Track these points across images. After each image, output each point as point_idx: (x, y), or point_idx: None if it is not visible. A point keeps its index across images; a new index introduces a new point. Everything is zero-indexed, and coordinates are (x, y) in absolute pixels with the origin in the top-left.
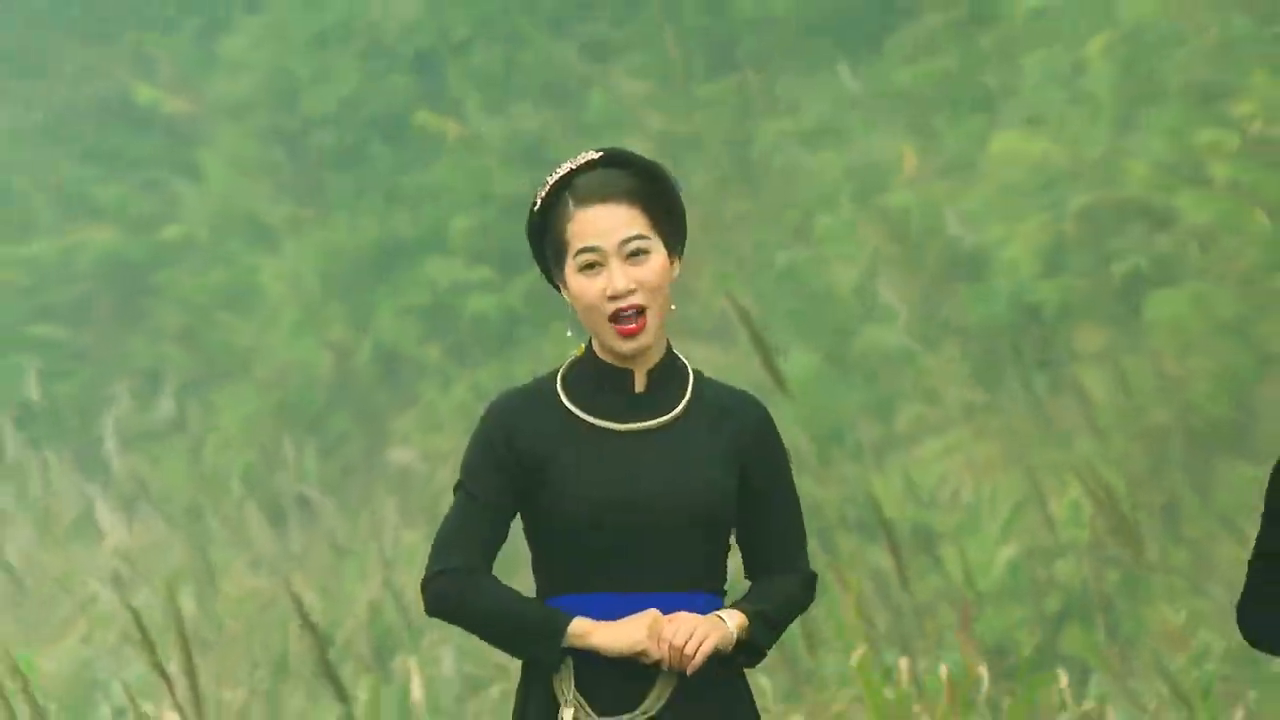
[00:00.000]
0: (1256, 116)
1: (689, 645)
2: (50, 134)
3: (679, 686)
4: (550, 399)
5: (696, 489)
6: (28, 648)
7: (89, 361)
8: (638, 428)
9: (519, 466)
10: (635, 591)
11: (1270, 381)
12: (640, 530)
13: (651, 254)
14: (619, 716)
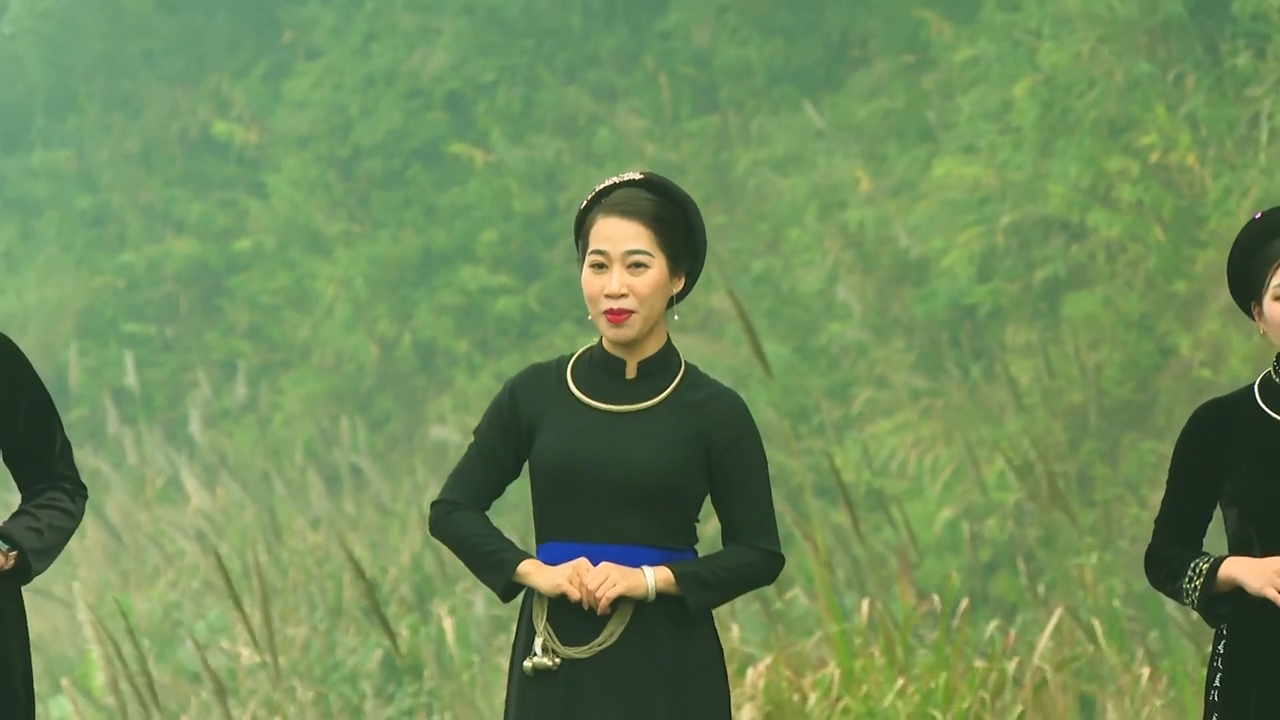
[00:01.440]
0: (1156, 147)
1: (599, 589)
2: (143, 161)
3: (630, 625)
4: (558, 377)
5: (650, 467)
6: (125, 592)
7: (175, 352)
8: (619, 409)
9: (518, 429)
10: (592, 542)
11: (1168, 370)
12: (596, 494)
13: (650, 268)
14: (579, 646)
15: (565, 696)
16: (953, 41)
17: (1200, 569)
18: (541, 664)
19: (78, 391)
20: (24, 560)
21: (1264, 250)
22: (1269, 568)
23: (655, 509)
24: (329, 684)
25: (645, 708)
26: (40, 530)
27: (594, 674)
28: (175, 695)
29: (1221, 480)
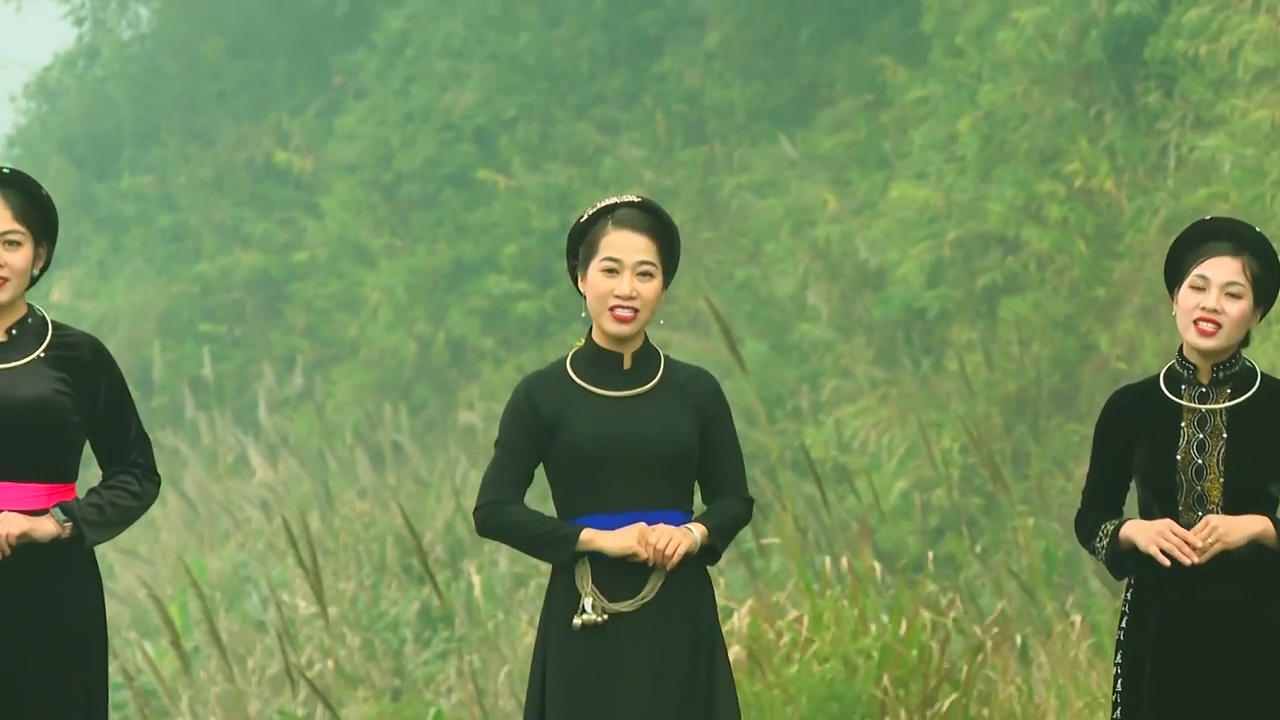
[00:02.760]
0: (1079, 173)
1: (668, 548)
2: (215, 186)
3: (664, 580)
4: (563, 376)
5: (668, 438)
6: (199, 553)
7: (242, 348)
8: (626, 394)
9: (540, 426)
10: (625, 511)
11: (1089, 363)
12: (627, 467)
13: (654, 277)
14: (622, 602)
15: (615, 645)
16: (906, 83)
17: (1107, 530)
18: (591, 620)
19: (160, 382)
20: (79, 530)
21: (1197, 248)
22: (1153, 528)
23: (675, 475)
24: (374, 631)
25: (679, 648)
26: (102, 507)
27: (637, 624)
28: (242, 640)
29: (1132, 455)
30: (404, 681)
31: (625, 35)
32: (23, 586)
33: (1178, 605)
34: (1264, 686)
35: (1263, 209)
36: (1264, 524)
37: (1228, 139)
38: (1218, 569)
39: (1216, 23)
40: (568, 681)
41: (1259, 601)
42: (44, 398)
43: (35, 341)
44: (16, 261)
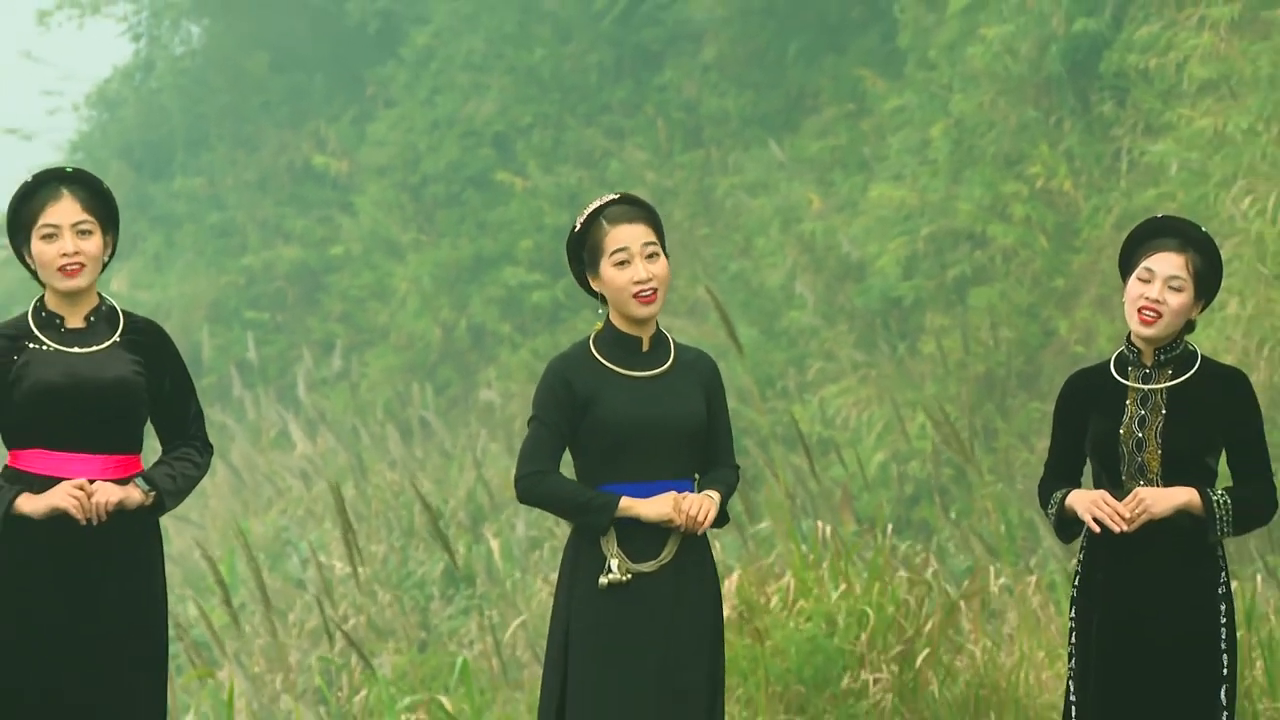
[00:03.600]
0: (1040, 175)
1: (700, 515)
2: (259, 187)
3: (682, 543)
4: (588, 357)
5: (691, 416)
6: (245, 519)
7: (284, 333)
8: (648, 374)
9: (573, 403)
10: (647, 480)
11: (1050, 347)
12: (655, 442)
13: (660, 256)
14: (645, 562)
15: (638, 603)
16: (884, 94)
17: (1056, 499)
18: (616, 579)
19: (209, 364)
20: (160, 499)
21: (1147, 242)
22: (1089, 498)
23: (694, 446)
24: (403, 589)
25: (696, 604)
26: (174, 477)
27: (657, 583)
28: (284, 597)
29: (1086, 430)
30: (430, 634)
31: (630, 50)
32: (102, 552)
33: (1120, 567)
34: (1194, 639)
35: (1206, 208)
36: (1190, 494)
37: (1175, 144)
38: (1154, 534)
39: (1165, 39)
40: (594, 637)
41: (1189, 563)
42: (126, 378)
43: (110, 328)
44: (90, 248)
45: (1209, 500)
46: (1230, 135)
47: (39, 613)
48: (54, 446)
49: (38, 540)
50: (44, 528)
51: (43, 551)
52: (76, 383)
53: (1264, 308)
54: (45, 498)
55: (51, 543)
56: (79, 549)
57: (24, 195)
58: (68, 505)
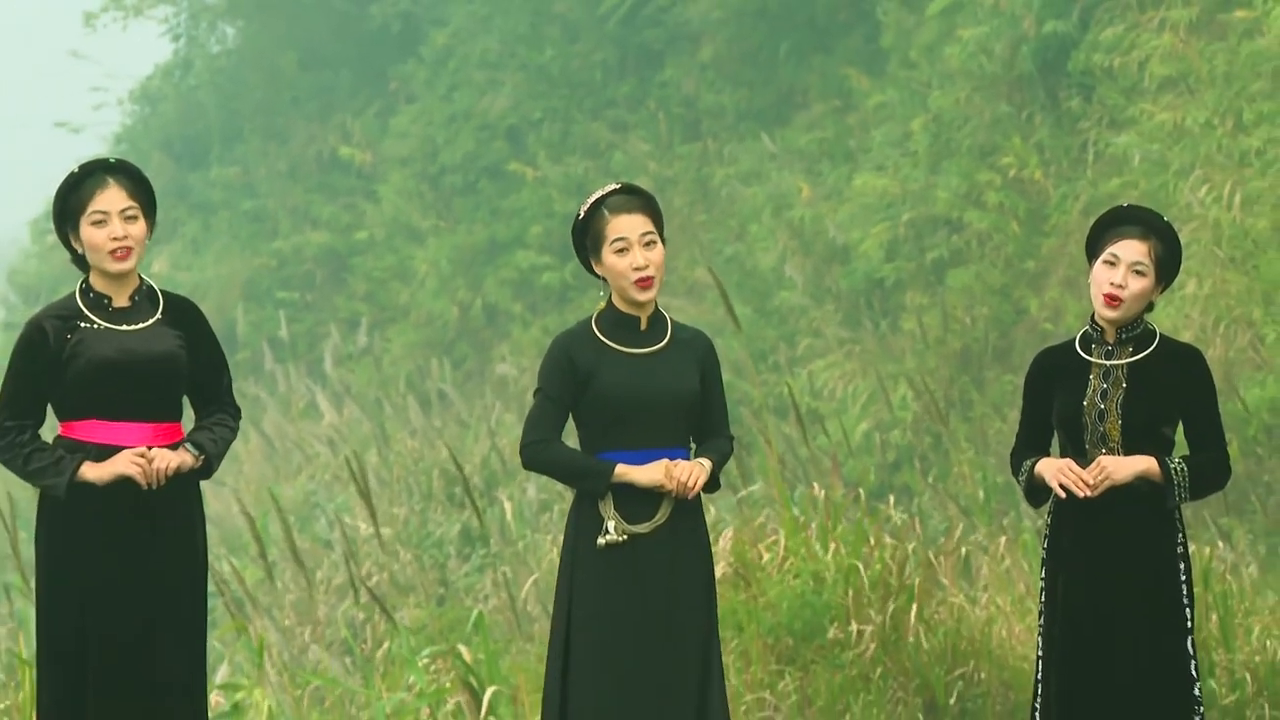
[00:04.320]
0: (1013, 165)
1: (689, 480)
2: (289, 176)
3: (674, 507)
4: (590, 335)
5: (683, 391)
6: (276, 483)
7: (313, 311)
8: (645, 351)
9: (574, 376)
10: (643, 449)
11: (1021, 325)
12: (650, 413)
13: (658, 244)
14: (641, 524)
15: (634, 561)
16: (868, 90)
17: (1026, 467)
18: (613, 540)
19: (243, 340)
20: (208, 461)
21: (1111, 230)
22: (1055, 466)
23: (687, 418)
24: (422, 549)
25: (687, 563)
26: (215, 440)
27: (652, 543)
28: (312, 556)
29: (1052, 403)
30: (448, 590)
31: (633, 50)
32: (151, 515)
33: (1085, 531)
34: (1156, 596)
35: (1166, 195)
36: (1149, 463)
37: (1137, 137)
38: (1117, 500)
39: (1128, 40)
40: (593, 593)
41: (1149, 526)
42: (173, 352)
43: (152, 306)
44: (136, 232)
45: (1167, 468)
46: (1188, 128)
47: (96, 573)
48: (108, 417)
49: (94, 505)
50: (100, 493)
51: (98, 516)
52: (130, 357)
53: (1219, 288)
54: (109, 465)
55: (106, 507)
56: (131, 512)
57: (73, 184)
58: (132, 471)
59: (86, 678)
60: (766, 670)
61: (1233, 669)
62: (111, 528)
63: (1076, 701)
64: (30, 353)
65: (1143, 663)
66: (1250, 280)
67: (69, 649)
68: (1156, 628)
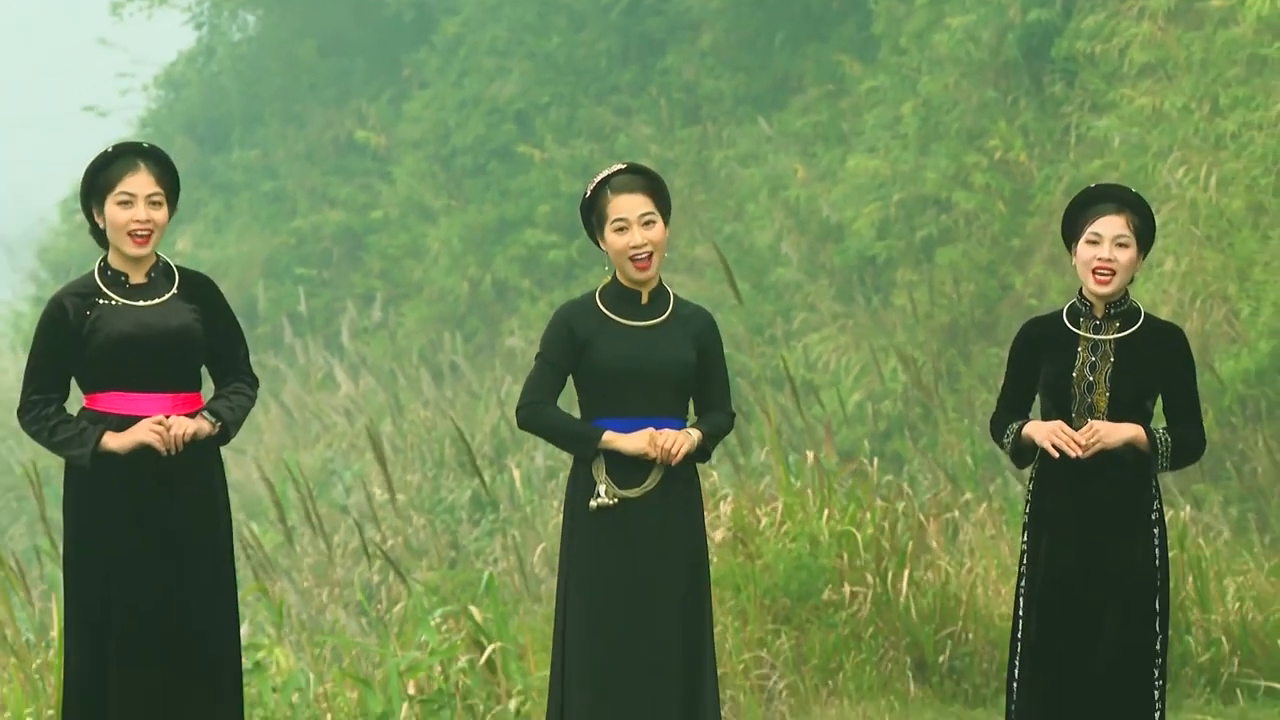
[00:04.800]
0: (999, 148)
1: (673, 448)
2: (308, 158)
3: (664, 473)
4: (593, 306)
5: (676, 363)
6: (295, 451)
7: (330, 287)
8: (643, 324)
9: (574, 344)
10: (637, 417)
11: (1007, 300)
12: (643, 383)
13: (656, 223)
14: (632, 488)
15: (625, 524)
16: (860, 76)
17: (1013, 430)
18: (604, 503)
19: (263, 315)
20: (225, 428)
21: (1087, 210)
22: (1047, 428)
23: (678, 390)
24: (435, 514)
25: (675, 528)
26: (233, 408)
27: (641, 508)
28: (329, 521)
29: (1038, 371)
30: (459, 554)
31: (636, 38)
32: (173, 482)
33: (1068, 494)
34: (1134, 558)
35: (1145, 176)
36: (1137, 430)
37: (1117, 120)
38: (1100, 465)
39: (1109, 28)
40: (587, 555)
41: (1129, 491)
42: (187, 326)
43: (168, 282)
44: (159, 217)
45: (1154, 437)
46: (1167, 113)
47: (121, 541)
48: (128, 389)
49: (117, 475)
50: (124, 461)
51: (122, 485)
52: (147, 332)
53: (1196, 265)
54: (129, 434)
55: (129, 476)
56: (154, 480)
57: (103, 163)
58: (151, 439)
59: (111, 645)
60: (763, 629)
61: (1208, 628)
62: (135, 495)
63: (1054, 658)
64: (52, 329)
65: (1116, 620)
66: (1225, 257)
67: (94, 618)
68: (1131, 588)
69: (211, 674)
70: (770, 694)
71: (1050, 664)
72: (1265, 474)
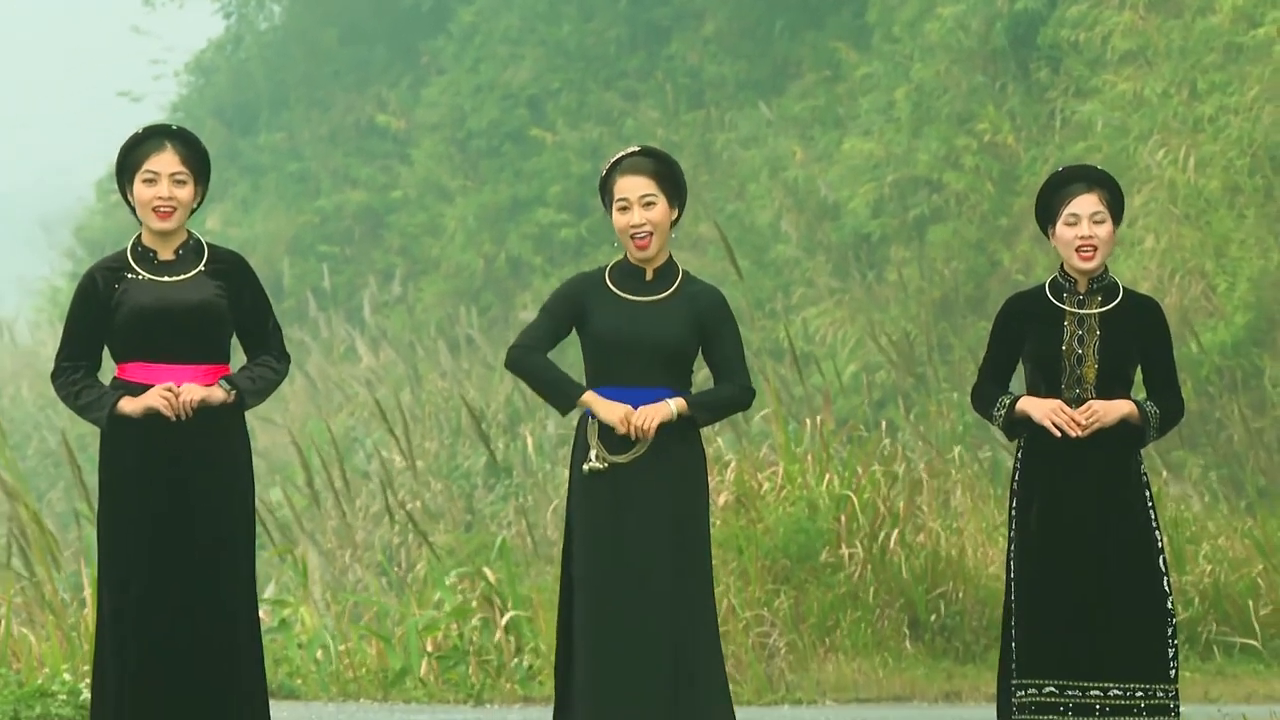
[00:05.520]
0: (987, 131)
1: (645, 425)
2: (331, 141)
3: (653, 440)
4: (600, 279)
5: (666, 335)
6: (319, 420)
7: (352, 264)
8: (642, 300)
9: (574, 308)
10: (629, 386)
11: (995, 275)
12: (633, 355)
13: (657, 205)
14: (621, 454)
15: (614, 488)
16: (856, 63)
17: (1004, 403)
18: (595, 467)
19: (289, 290)
20: (240, 397)
21: (1059, 192)
22: (1046, 406)
23: (672, 363)
24: (451, 479)
25: (664, 493)
26: (253, 379)
27: (631, 473)
28: (352, 486)
29: (1022, 344)
30: (474, 517)
31: (642, 26)
32: (193, 446)
33: (1061, 465)
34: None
35: (1126, 158)
36: (1131, 408)
37: (1100, 105)
38: (1091, 438)
39: (1092, 16)
40: (581, 516)
41: (1118, 460)
42: (209, 301)
43: (196, 259)
44: (183, 195)
45: (1145, 411)
46: (1147, 98)
47: (141, 501)
48: (152, 359)
49: (136, 436)
50: (140, 426)
51: (139, 446)
52: (167, 306)
53: (1175, 242)
54: (141, 399)
55: (146, 438)
56: (169, 443)
57: (133, 144)
58: (159, 404)
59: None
60: (764, 589)
61: (1184, 589)
62: (150, 458)
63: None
64: (83, 300)
65: (1123, 582)
66: (1203, 235)
67: (120, 575)
68: (1132, 548)
69: (229, 628)
70: (770, 651)
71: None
72: (1240, 441)
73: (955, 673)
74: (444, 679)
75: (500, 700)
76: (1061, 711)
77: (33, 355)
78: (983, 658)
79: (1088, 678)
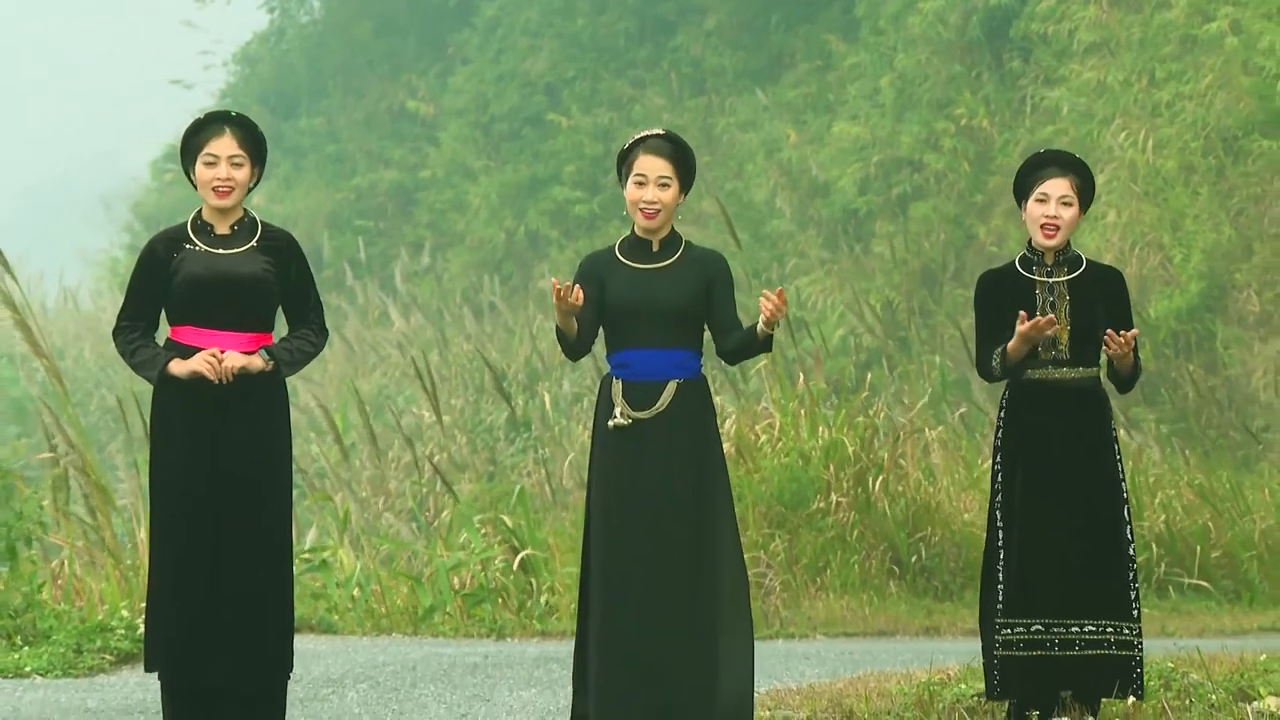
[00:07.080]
0: (964, 116)
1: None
2: (365, 124)
3: (673, 397)
4: (611, 253)
5: (675, 297)
6: (355, 379)
7: (384, 237)
8: (650, 267)
9: (593, 280)
10: (649, 348)
11: (971, 248)
12: (646, 318)
13: (671, 187)
14: (642, 411)
15: (638, 443)
16: (845, 53)
17: (998, 353)
18: (620, 423)
19: (327, 261)
20: (277, 366)
21: (1035, 173)
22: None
23: (683, 324)
24: (475, 434)
25: (684, 445)
26: (290, 350)
27: (653, 427)
28: (384, 439)
29: (1004, 314)
30: (496, 468)
31: (650, 20)
32: (240, 403)
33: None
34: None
35: (1091, 140)
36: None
37: (1067, 92)
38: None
39: (1060, 11)
40: (602, 468)
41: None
42: (258, 275)
43: (249, 235)
44: (240, 176)
45: (1139, 366)
46: (1110, 85)
47: (187, 452)
48: (202, 325)
49: (182, 395)
50: (186, 386)
51: (183, 405)
52: (218, 276)
53: (1135, 217)
54: (188, 362)
55: (190, 398)
56: (212, 404)
57: (196, 128)
58: (203, 368)
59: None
60: (760, 534)
61: (1141, 534)
62: (194, 416)
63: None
64: (144, 266)
65: (1096, 528)
66: (1161, 211)
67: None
68: (1103, 499)
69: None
70: (766, 590)
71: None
72: (1193, 400)
73: (934, 609)
74: (470, 615)
75: (521, 635)
76: (1048, 646)
77: (94, 320)
78: (959, 596)
79: (1070, 615)
